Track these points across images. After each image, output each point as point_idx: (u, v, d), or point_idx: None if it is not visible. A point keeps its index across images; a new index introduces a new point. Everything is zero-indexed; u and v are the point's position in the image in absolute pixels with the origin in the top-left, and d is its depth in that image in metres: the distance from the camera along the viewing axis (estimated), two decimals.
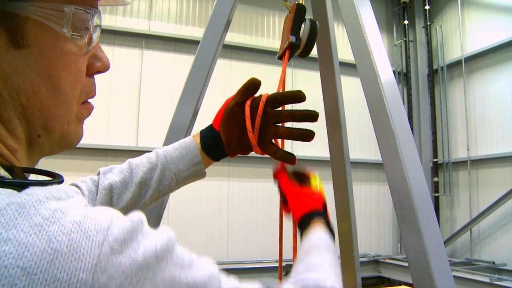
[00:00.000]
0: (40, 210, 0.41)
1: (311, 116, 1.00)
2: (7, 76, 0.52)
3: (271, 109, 1.01)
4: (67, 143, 0.61)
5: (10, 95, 0.53)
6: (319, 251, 0.83)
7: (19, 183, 0.49)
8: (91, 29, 0.60)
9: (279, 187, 1.09)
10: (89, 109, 0.65)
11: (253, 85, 1.04)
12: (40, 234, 0.39)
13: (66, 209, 0.43)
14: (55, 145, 0.60)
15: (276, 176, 1.09)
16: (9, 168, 0.53)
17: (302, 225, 0.97)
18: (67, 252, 0.39)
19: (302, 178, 1.06)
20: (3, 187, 0.46)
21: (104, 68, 0.65)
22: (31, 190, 0.45)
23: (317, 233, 0.91)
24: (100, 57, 0.64)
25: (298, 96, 1.01)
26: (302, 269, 0.77)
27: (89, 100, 0.65)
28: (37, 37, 0.53)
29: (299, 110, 1.01)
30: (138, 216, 0.48)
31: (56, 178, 0.57)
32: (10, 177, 0.52)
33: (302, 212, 0.99)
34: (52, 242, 0.39)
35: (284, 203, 1.07)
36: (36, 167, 0.61)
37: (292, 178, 1.06)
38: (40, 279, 0.37)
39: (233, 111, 1.04)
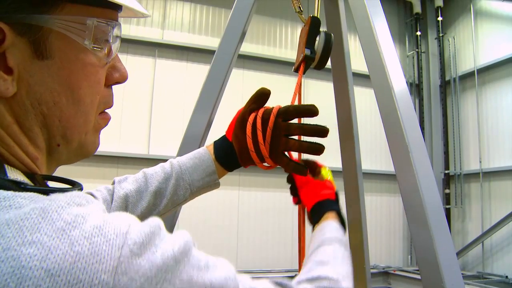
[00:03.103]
0: (62, 215, 0.42)
1: (321, 131, 0.99)
2: (30, 86, 0.53)
3: (282, 121, 1.01)
4: (84, 152, 0.63)
5: (32, 105, 0.54)
6: (331, 245, 0.84)
7: (41, 190, 0.50)
8: (111, 41, 0.62)
9: (290, 177, 1.13)
10: (106, 119, 0.66)
11: (262, 94, 1.05)
12: (63, 237, 0.40)
13: (87, 215, 0.44)
14: (72, 154, 0.62)
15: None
16: (30, 175, 0.55)
17: (314, 215, 1.00)
18: (89, 255, 0.40)
19: (313, 169, 1.09)
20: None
21: (122, 79, 0.67)
22: (54, 196, 0.46)
23: (329, 226, 0.92)
24: (119, 68, 0.66)
25: (311, 110, 1.00)
26: (315, 265, 0.77)
27: (106, 111, 0.66)
28: (60, 49, 0.55)
29: (309, 124, 1.00)
30: (155, 221, 0.49)
31: (76, 186, 0.59)
32: (32, 184, 0.54)
33: (314, 201, 1.02)
34: (74, 246, 0.40)
35: (294, 193, 1.12)
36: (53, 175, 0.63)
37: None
38: (63, 281, 0.38)
39: (244, 121, 1.04)
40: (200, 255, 0.52)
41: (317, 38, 1.15)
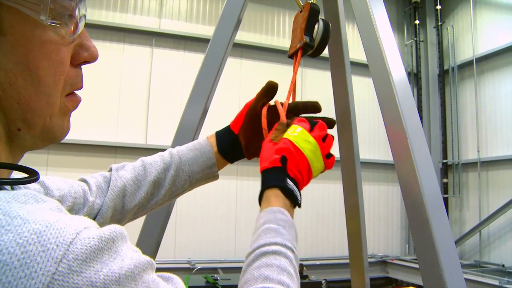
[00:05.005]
0: None
1: (330, 123, 1.04)
2: None
3: (292, 116, 1.03)
4: (51, 137, 0.58)
5: None
6: (269, 257, 0.75)
7: None
8: (78, 18, 0.56)
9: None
10: (75, 101, 0.61)
11: (271, 88, 1.06)
12: None
13: (29, 215, 0.38)
14: (38, 139, 0.57)
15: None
16: None
17: (260, 191, 0.90)
18: (18, 267, 0.34)
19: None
20: None
21: (92, 58, 0.60)
22: None
23: (265, 216, 0.84)
24: (87, 46, 0.60)
25: (316, 107, 1.06)
26: (257, 276, 0.70)
27: (76, 92, 0.61)
28: (13, 25, 0.49)
29: (319, 117, 1.04)
30: (112, 231, 0.43)
31: (31, 176, 0.54)
32: None
33: (261, 167, 0.92)
34: (2, 254, 0.34)
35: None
36: (20, 161, 0.58)
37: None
38: None
39: (254, 115, 1.05)
40: (152, 281, 0.46)
41: (316, 26, 1.14)
